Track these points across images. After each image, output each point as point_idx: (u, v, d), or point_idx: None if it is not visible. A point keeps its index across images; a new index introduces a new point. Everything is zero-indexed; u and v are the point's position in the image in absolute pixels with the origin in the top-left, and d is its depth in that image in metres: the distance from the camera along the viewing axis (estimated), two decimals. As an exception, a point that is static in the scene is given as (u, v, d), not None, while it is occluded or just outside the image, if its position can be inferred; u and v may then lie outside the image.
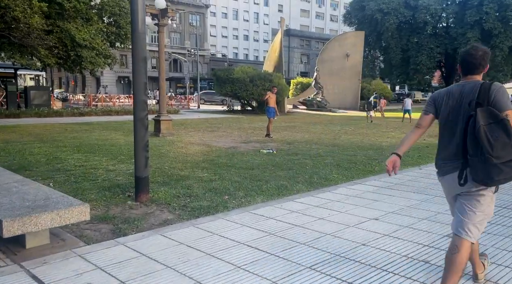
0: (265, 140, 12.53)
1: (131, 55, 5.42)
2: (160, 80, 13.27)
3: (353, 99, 35.74)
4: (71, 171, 7.15)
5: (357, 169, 7.71)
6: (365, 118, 21.88)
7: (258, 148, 10.64)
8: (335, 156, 9.25)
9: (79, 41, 24.76)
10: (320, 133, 14.95)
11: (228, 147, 10.83)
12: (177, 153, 9.39)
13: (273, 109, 13.58)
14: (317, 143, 11.73)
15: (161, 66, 13.23)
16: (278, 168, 7.73)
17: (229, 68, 31.69)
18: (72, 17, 25.61)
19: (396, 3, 44.74)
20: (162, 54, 13.15)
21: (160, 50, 13.18)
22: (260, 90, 26.87)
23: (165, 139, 12.26)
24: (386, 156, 9.14)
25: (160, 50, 13.18)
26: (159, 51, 13.18)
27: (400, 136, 13.97)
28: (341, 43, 36.28)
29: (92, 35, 25.87)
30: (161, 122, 13.10)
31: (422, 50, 45.54)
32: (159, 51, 13.18)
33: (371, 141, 12.56)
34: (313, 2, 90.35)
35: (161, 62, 13.19)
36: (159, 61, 13.23)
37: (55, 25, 24.55)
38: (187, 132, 14.51)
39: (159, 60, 13.25)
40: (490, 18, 40.99)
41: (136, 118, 5.37)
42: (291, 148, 10.58)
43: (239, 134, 14.38)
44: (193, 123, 18.92)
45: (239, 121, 20.66)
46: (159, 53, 13.21)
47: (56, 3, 24.42)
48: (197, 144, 11.32)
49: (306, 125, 18.51)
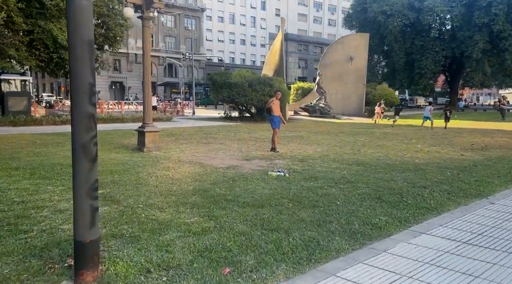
0: (270, 156, 10.37)
1: (67, 34, 3.26)
2: (145, 83, 11.10)
3: (358, 105, 33.65)
4: (1, 213, 4.95)
5: (408, 205, 5.55)
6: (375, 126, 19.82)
7: (264, 168, 8.48)
8: (368, 181, 7.09)
9: (61, 43, 22.61)
10: (334, 145, 12.81)
11: (226, 166, 8.66)
12: (160, 179, 7.20)
13: (278, 118, 11.44)
14: (335, 160, 9.58)
15: (145, 67, 11.07)
16: (297, 204, 5.56)
17: (226, 72, 29.65)
18: (55, 16, 23.46)
19: (400, 4, 42.84)
20: (147, 53, 11.00)
21: (144, 48, 11.03)
22: (259, 95, 24.77)
23: (150, 155, 10.07)
24: (437, 183, 7.19)
25: (144, 48, 11.03)
26: (144, 49, 11.03)
27: (429, 149, 11.87)
28: (345, 45, 34.26)
29: (77, 36, 23.70)
30: (145, 134, 10.91)
31: (427, 54, 43.61)
32: (144, 49, 11.03)
33: (398, 156, 10.43)
34: (311, 6, 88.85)
35: (146, 62, 11.04)
36: (144, 61, 11.07)
37: (36, 25, 22.42)
38: (178, 145, 12.33)
39: (143, 60, 11.10)
40: (500, 20, 39.13)
41: (75, 143, 3.19)
42: (306, 168, 8.42)
43: (238, 147, 12.22)
44: (186, 132, 16.74)
45: (237, 130, 18.50)
46: (144, 51, 11.05)
47: (37, 1, 22.31)
48: (188, 162, 9.14)
49: (314, 135, 16.38)
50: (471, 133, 17.50)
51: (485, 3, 39.88)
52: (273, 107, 11.33)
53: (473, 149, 11.89)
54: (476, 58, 41.65)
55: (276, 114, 11.43)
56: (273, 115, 11.36)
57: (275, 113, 11.37)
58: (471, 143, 13.63)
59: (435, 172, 8.00)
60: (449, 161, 9.61)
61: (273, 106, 11.34)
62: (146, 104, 11.18)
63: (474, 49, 40.87)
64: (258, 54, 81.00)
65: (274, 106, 11.36)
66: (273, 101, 11.47)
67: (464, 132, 17.84)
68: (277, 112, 11.47)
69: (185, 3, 66.47)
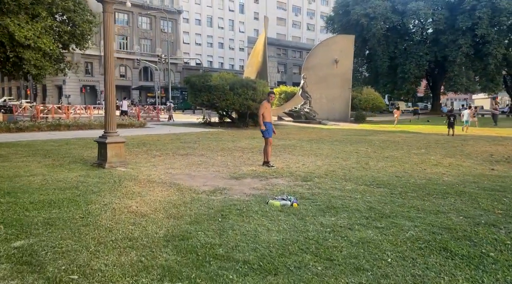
0: (264, 172, 8.38)
1: None
2: (107, 82, 8.93)
3: (343, 110, 32.06)
4: None
5: (494, 262, 3.64)
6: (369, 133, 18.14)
7: (261, 192, 6.48)
8: (409, 215, 5.13)
9: (19, 40, 20.06)
10: (334, 156, 10.92)
11: (211, 190, 6.61)
12: (118, 215, 5.07)
13: (270, 126, 9.46)
14: (347, 179, 7.66)
15: (108, 65, 8.91)
16: (328, 264, 3.57)
17: (205, 74, 27.53)
18: (14, 11, 20.88)
19: (383, 7, 41.78)
20: (109, 45, 8.85)
21: (106, 40, 8.88)
22: (242, 99, 22.80)
23: (112, 174, 7.89)
24: (504, 216, 4.77)
25: (106, 40, 8.88)
26: (105, 40, 8.87)
27: (446, 161, 10.12)
28: (329, 47, 32.66)
29: (38, 33, 21.18)
30: (107, 146, 8.71)
31: (410, 58, 42.66)
32: (106, 41, 8.88)
33: (419, 172, 8.60)
34: (290, 10, 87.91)
35: (109, 58, 8.88)
36: (106, 56, 8.91)
37: (-11, 20, 19.85)
38: (149, 158, 10.17)
39: (106, 54, 8.93)
40: (483, 24, 38.50)
41: None
42: (315, 192, 6.46)
43: (223, 160, 10.17)
44: (161, 141, 14.56)
45: (219, 137, 16.44)
46: (106, 44, 8.90)
47: (-9, -6, 19.78)
48: (161, 184, 7.04)
49: (307, 143, 14.49)
50: (477, 140, 15.98)
51: (469, 7, 39.25)
52: (265, 112, 9.35)
53: (498, 162, 10.21)
54: (459, 63, 40.94)
55: (268, 120, 9.47)
56: (265, 121, 9.38)
57: (267, 119, 9.40)
58: (487, 153, 12.00)
59: (484, 197, 6.17)
60: (484, 178, 7.83)
61: (265, 111, 9.36)
62: (108, 107, 8.99)
63: (458, 54, 40.13)
64: (237, 58, 79.18)
65: (266, 111, 9.38)
66: (265, 105, 9.47)
67: (468, 140, 16.31)
68: (269, 118, 9.52)
69: (161, 5, 63.99)
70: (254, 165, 9.28)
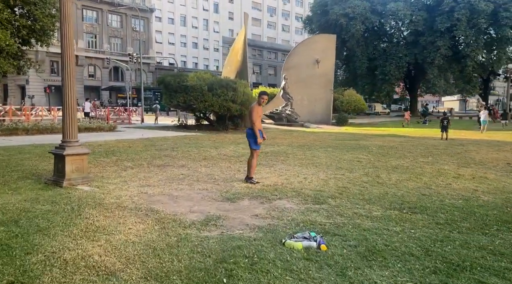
0: (264, 190, 6.82)
1: None
2: (65, 79, 7.15)
3: (325, 112, 30.90)
4: None
5: None
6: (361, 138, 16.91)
7: (267, 221, 4.94)
8: (493, 267, 3.70)
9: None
10: (336, 167, 9.49)
11: (201, 220, 5.01)
12: (71, 270, 3.39)
13: (261, 134, 7.74)
14: (366, 198, 6.21)
15: (66, 58, 7.12)
16: None
17: (181, 73, 25.74)
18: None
19: (362, 7, 40.99)
20: (68, 33, 7.08)
21: (64, 27, 7.10)
22: (221, 100, 21.16)
23: (70, 196, 6.14)
24: None
25: (64, 27, 7.10)
26: (62, 28, 7.10)
27: (464, 172, 8.86)
28: (310, 47, 31.44)
29: (-8, 26, 18.92)
30: (66, 159, 6.93)
31: (390, 59, 42.08)
32: (62, 29, 7.10)
33: (444, 187, 7.26)
34: (265, 11, 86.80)
35: (67, 50, 7.10)
36: (64, 47, 7.13)
37: None
38: (120, 172, 8.42)
39: (63, 45, 7.15)
40: (462, 26, 38.28)
41: None
42: (339, 223, 4.95)
43: (209, 172, 8.55)
44: (133, 148, 12.76)
45: (199, 143, 14.75)
46: (62, 32, 7.12)
47: None
48: (134, 211, 5.37)
49: (298, 149, 13.02)
50: (476, 146, 14.95)
51: (448, 8, 38.98)
52: (255, 116, 7.62)
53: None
54: (438, 64, 40.65)
55: (259, 127, 7.75)
56: (253, 128, 7.66)
57: (256, 124, 7.70)
58: (500, 160, 10.88)
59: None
60: (528, 196, 6.56)
61: (255, 115, 7.63)
62: (67, 110, 7.19)
63: (436, 55, 39.81)
64: (211, 58, 77.29)
65: (256, 115, 7.66)
66: (256, 108, 7.74)
67: (466, 145, 15.28)
68: (260, 125, 7.79)
69: (132, 3, 61.34)
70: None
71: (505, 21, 37.78)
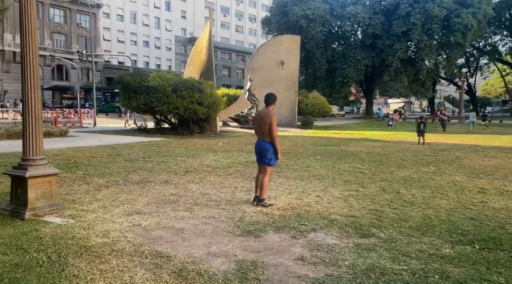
0: (287, 217, 5.60)
1: None
2: (28, 79, 5.48)
3: (290, 114, 30.10)
4: None
5: None
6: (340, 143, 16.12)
7: (317, 266, 3.75)
8: None
9: None
10: (343, 180, 8.44)
11: (231, 269, 3.72)
12: None
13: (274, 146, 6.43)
14: (413, 226, 5.17)
15: (28, 54, 5.46)
16: None
17: (142, 73, 23.80)
18: None
19: (322, 9, 40.89)
20: (30, 29, 5.42)
21: (24, 18, 5.44)
22: (187, 102, 19.62)
23: (40, 236, 4.53)
24: None
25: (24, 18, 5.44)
26: (23, 18, 5.44)
27: (481, 183, 8.16)
28: (275, 48, 30.55)
29: None
30: (28, 183, 5.26)
31: (349, 62, 42.31)
32: (23, 19, 5.44)
33: (482, 207, 6.43)
34: (218, 11, 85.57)
35: (30, 44, 5.44)
36: (25, 40, 5.46)
37: None
38: (93, 192, 6.81)
39: (23, 37, 5.47)
40: (417, 30, 39.25)
41: None
42: (415, 271, 3.84)
43: (202, 190, 7.16)
44: (98, 158, 10.97)
45: (171, 150, 13.18)
46: (24, 22, 5.45)
47: None
48: (135, 257, 3.93)
49: (284, 158, 11.83)
50: (462, 151, 14.58)
51: (404, 13, 39.80)
52: (272, 123, 6.36)
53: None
54: (395, 67, 41.44)
55: (276, 135, 6.41)
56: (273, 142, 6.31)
57: (274, 132, 6.33)
58: (497, 168, 10.39)
59: None
60: None
61: (272, 122, 6.36)
62: (28, 119, 5.50)
63: (394, 59, 40.56)
64: (163, 57, 74.55)
65: (273, 121, 6.39)
66: (274, 116, 6.28)
67: (450, 150, 14.92)
68: (276, 133, 6.48)
69: (78, -3, 57.49)
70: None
71: (456, 27, 39.18)
